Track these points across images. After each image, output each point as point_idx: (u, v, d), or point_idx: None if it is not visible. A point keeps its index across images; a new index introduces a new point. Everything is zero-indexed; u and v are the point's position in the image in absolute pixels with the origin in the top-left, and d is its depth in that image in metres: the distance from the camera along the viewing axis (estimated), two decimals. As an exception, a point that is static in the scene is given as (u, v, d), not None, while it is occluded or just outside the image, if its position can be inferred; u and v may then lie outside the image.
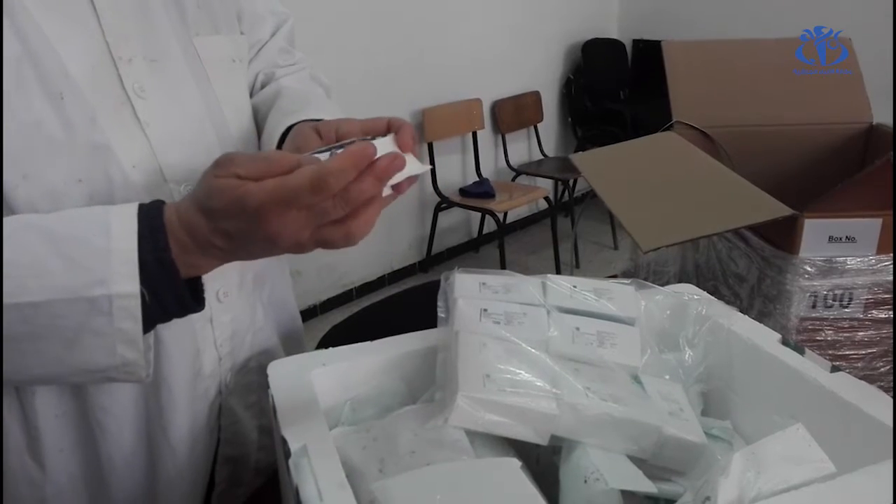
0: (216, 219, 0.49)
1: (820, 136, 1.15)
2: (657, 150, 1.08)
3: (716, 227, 0.87)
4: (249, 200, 0.47)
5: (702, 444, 0.58)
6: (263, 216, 0.47)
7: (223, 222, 0.49)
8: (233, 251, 0.51)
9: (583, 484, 0.53)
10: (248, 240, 0.49)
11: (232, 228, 0.49)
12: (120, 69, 0.59)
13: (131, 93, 0.60)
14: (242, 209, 0.47)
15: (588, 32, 4.01)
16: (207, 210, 0.49)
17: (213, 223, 0.49)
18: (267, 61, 0.80)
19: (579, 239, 3.59)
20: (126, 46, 0.60)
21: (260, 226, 0.48)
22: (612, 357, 0.63)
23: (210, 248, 0.50)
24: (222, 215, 0.49)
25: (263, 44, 0.80)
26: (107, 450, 0.64)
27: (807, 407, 0.60)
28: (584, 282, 0.70)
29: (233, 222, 0.49)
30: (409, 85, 3.18)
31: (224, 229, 0.49)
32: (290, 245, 0.49)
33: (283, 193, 0.46)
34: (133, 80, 0.60)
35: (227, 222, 0.49)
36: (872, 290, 0.90)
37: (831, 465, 0.50)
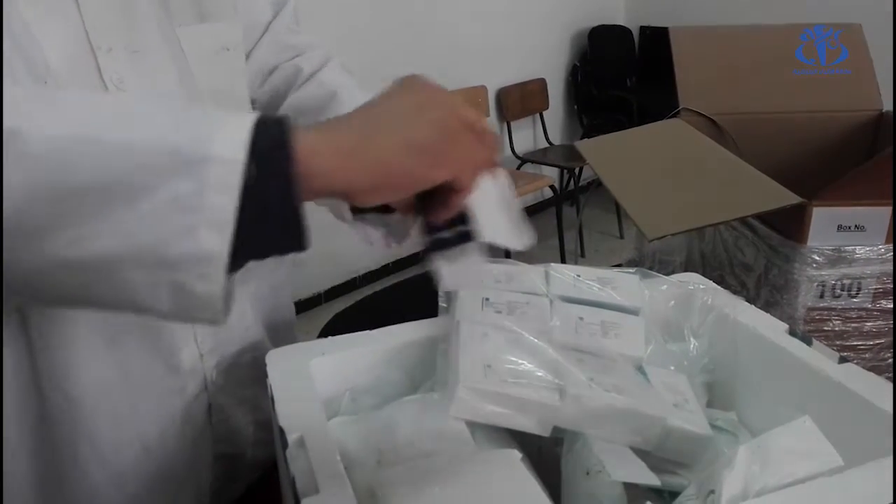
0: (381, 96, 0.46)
1: (829, 123, 1.13)
2: (664, 138, 1.07)
3: (723, 216, 0.86)
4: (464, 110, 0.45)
5: (707, 436, 0.57)
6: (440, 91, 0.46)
7: (381, 97, 0.46)
8: (362, 123, 0.44)
9: (585, 476, 0.53)
10: (386, 98, 0.45)
11: (385, 97, 0.46)
12: (99, 59, 0.57)
13: (110, 84, 0.57)
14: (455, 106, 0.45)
15: (595, 19, 3.97)
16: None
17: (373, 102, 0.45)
18: (278, 45, 0.77)
19: (584, 228, 3.58)
20: (106, 36, 0.58)
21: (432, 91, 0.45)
22: (616, 347, 0.63)
23: (338, 124, 0.44)
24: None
25: (266, 26, 0.77)
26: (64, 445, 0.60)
27: (814, 399, 0.59)
28: (587, 271, 0.69)
29: (393, 91, 0.46)
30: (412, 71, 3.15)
31: (377, 102, 0.45)
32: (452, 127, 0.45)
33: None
34: (112, 71, 0.58)
35: (385, 95, 0.46)
36: (881, 279, 0.89)
37: (839, 459, 0.49)
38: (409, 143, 0.43)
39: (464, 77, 3.34)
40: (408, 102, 0.45)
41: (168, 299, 0.40)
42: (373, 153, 0.42)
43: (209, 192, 0.38)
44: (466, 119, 0.45)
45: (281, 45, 0.77)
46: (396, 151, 0.42)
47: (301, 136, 0.40)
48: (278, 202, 0.39)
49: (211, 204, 0.38)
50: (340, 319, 1.10)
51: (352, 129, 0.43)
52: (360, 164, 0.42)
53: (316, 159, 0.40)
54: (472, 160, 0.46)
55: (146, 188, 0.38)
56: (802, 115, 1.13)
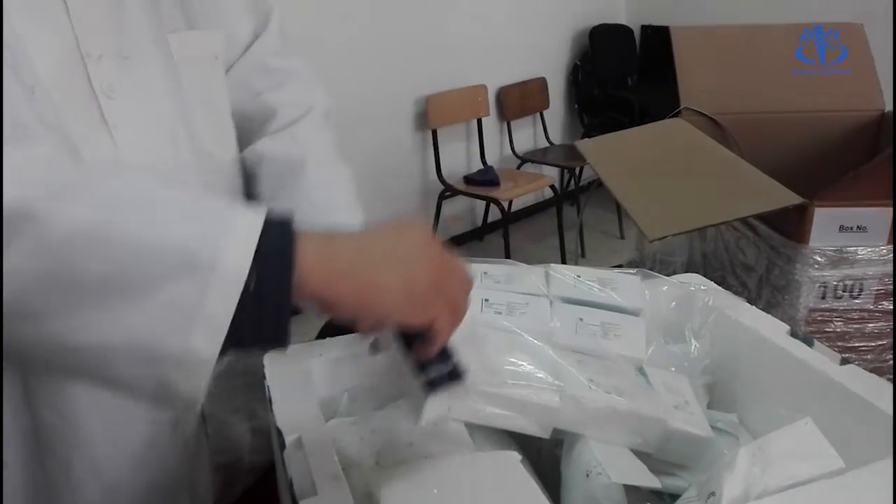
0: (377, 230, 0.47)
1: (831, 123, 1.13)
2: (665, 138, 1.06)
3: (724, 216, 0.86)
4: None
5: (708, 437, 0.57)
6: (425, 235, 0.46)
7: (380, 230, 0.47)
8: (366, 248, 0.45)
9: (585, 478, 0.52)
10: (396, 232, 0.47)
11: (385, 232, 0.47)
12: (88, 67, 0.56)
13: (99, 92, 0.56)
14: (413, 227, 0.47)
15: (596, 18, 3.96)
16: None
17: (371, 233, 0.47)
18: (262, 67, 0.75)
19: (585, 228, 3.57)
20: (96, 42, 0.56)
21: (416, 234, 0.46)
22: (617, 348, 0.62)
23: (338, 244, 0.44)
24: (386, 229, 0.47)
25: (246, 46, 0.74)
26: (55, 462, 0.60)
27: (815, 400, 0.58)
28: (588, 271, 0.69)
29: (392, 228, 0.47)
30: (413, 71, 3.15)
31: (377, 234, 0.47)
32: (430, 262, 0.46)
33: None
34: (102, 79, 0.57)
35: (384, 229, 0.47)
36: (883, 280, 0.88)
37: (840, 461, 0.49)
38: (404, 282, 0.44)
39: (464, 76, 3.33)
40: (407, 244, 0.46)
41: (151, 389, 0.41)
42: (367, 282, 0.43)
43: (209, 298, 0.38)
44: (454, 270, 0.47)
45: (264, 68, 0.75)
46: (389, 287, 0.43)
47: (303, 246, 0.41)
48: (271, 310, 0.41)
49: (209, 310, 0.38)
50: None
51: (352, 253, 0.44)
52: (351, 289, 0.43)
53: (313, 275, 0.41)
54: (454, 311, 0.47)
55: (150, 287, 0.38)
56: (804, 115, 1.13)
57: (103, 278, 0.38)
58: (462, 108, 3.36)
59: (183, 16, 0.65)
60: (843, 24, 1.16)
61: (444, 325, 0.46)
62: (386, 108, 3.10)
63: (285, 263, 0.40)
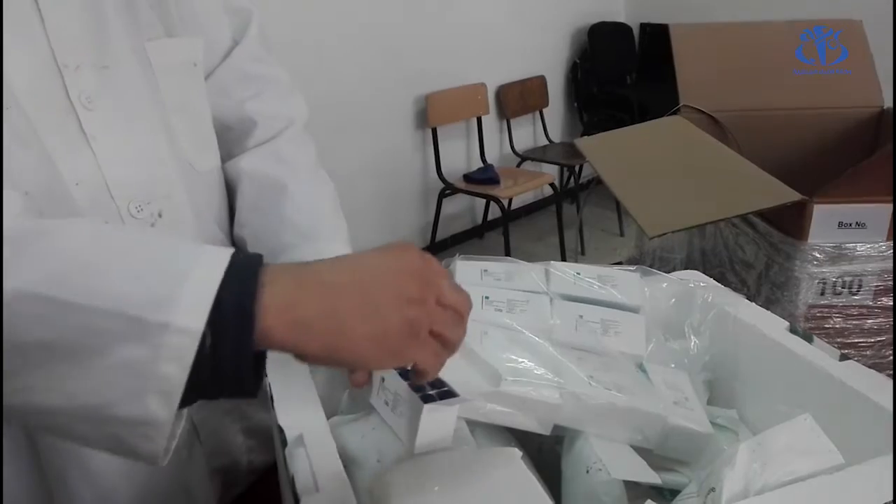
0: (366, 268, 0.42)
1: (830, 120, 1.13)
2: (664, 135, 1.06)
3: (723, 213, 0.86)
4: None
5: (707, 434, 0.57)
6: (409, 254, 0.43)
7: (354, 259, 0.43)
8: (336, 295, 0.40)
9: (585, 474, 0.53)
10: (372, 274, 0.42)
11: (362, 260, 0.43)
12: (66, 78, 0.54)
13: (77, 104, 0.55)
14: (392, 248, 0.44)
15: (595, 16, 3.96)
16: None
17: (361, 272, 0.42)
18: (241, 73, 0.73)
19: (585, 225, 3.58)
20: (73, 53, 0.55)
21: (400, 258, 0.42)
22: (617, 345, 0.62)
23: (306, 291, 0.40)
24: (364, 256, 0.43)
25: (227, 52, 0.73)
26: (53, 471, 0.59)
27: (815, 396, 0.58)
28: (587, 268, 0.69)
29: (368, 256, 0.43)
30: (413, 70, 3.15)
31: (355, 269, 0.42)
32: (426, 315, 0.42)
33: None
34: (79, 90, 0.55)
35: (367, 260, 0.43)
36: (882, 276, 0.88)
37: (839, 456, 0.49)
38: (375, 332, 0.41)
39: (464, 74, 3.33)
40: (386, 284, 0.42)
41: (110, 447, 0.39)
42: (334, 336, 0.40)
43: (162, 361, 0.36)
44: (442, 303, 0.43)
45: (243, 74, 0.74)
46: (359, 339, 0.41)
47: (266, 297, 0.38)
48: (230, 366, 0.38)
49: (162, 373, 0.36)
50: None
51: (320, 302, 0.40)
52: (319, 343, 0.40)
53: (276, 329, 0.39)
54: (441, 349, 0.44)
55: (99, 351, 0.36)
56: (803, 111, 1.13)
57: (49, 343, 0.36)
58: (462, 107, 3.36)
59: (161, 23, 0.64)
60: (842, 22, 1.16)
61: (429, 364, 0.44)
62: (386, 107, 3.10)
63: (245, 320, 0.38)
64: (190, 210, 0.64)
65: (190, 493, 0.69)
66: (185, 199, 0.64)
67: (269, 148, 0.74)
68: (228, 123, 0.73)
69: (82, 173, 0.56)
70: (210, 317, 0.36)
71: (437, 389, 0.51)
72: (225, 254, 0.39)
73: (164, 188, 0.62)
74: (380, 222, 3.21)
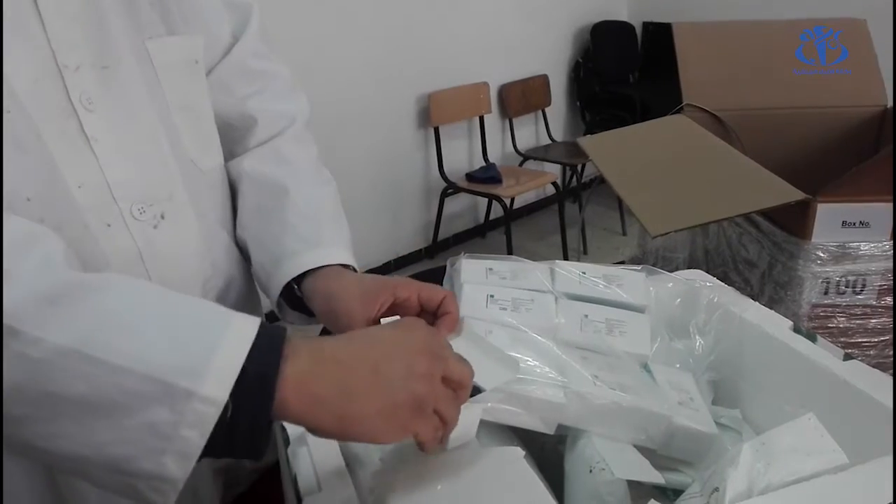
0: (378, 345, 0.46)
1: (833, 119, 1.13)
2: (667, 134, 1.06)
3: (726, 212, 0.86)
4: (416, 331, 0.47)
5: (712, 434, 0.57)
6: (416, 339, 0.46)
7: (367, 336, 0.48)
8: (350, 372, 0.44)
9: (588, 474, 0.53)
10: (383, 351, 0.45)
11: (375, 336, 0.47)
12: (66, 79, 0.54)
13: (78, 105, 0.55)
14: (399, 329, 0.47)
15: (597, 14, 3.96)
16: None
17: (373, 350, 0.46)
18: (242, 70, 0.72)
19: (587, 225, 3.57)
20: (73, 53, 0.54)
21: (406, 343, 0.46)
22: (621, 345, 0.62)
23: (328, 360, 0.44)
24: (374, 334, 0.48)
25: (227, 48, 0.72)
26: None
27: (819, 396, 0.58)
28: (593, 268, 0.69)
29: (381, 332, 0.48)
30: (415, 68, 3.15)
31: (367, 347, 0.46)
32: (433, 392, 0.45)
33: None
34: (80, 92, 0.55)
35: (379, 338, 0.47)
36: (886, 276, 0.88)
37: (843, 456, 0.49)
38: (383, 410, 0.43)
39: (466, 73, 3.33)
40: (396, 362, 0.45)
41: (123, 493, 0.41)
42: (345, 413, 0.43)
43: (184, 426, 0.39)
44: (451, 377, 0.46)
45: (245, 70, 0.73)
46: (368, 416, 0.43)
47: (286, 372, 0.41)
48: (246, 433, 0.41)
49: (183, 436, 0.39)
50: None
51: (334, 380, 0.43)
52: (330, 419, 0.43)
53: (291, 403, 0.41)
54: (439, 424, 0.46)
55: (128, 410, 0.38)
56: (806, 111, 1.13)
57: (82, 397, 0.38)
58: (464, 106, 3.36)
59: (162, 21, 0.63)
60: (844, 21, 1.16)
61: (430, 438, 0.46)
62: (388, 106, 3.10)
63: (265, 393, 0.40)
64: (192, 211, 0.64)
65: (197, 493, 0.69)
66: (188, 200, 0.64)
67: (271, 147, 0.73)
68: (230, 120, 0.73)
69: (84, 176, 0.55)
70: (233, 388, 0.39)
71: None
72: (252, 326, 0.41)
73: (167, 189, 0.62)
74: (382, 221, 3.21)
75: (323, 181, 0.75)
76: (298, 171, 0.72)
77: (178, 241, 0.63)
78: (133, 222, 0.59)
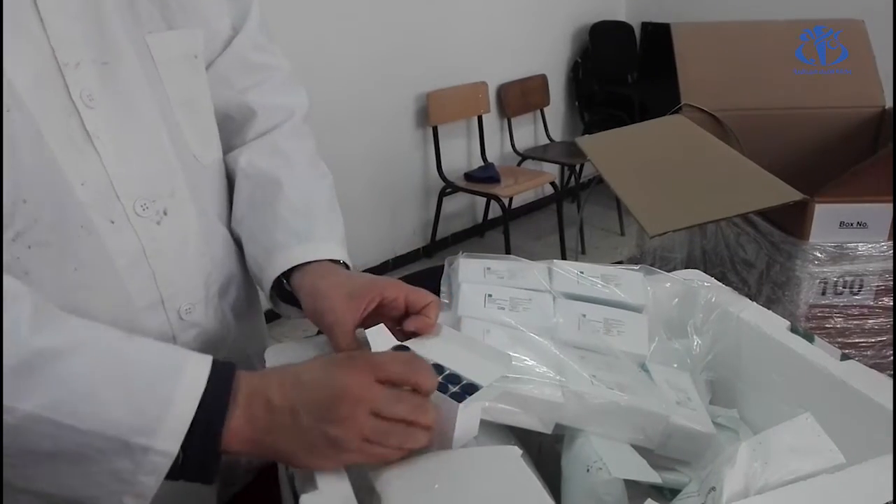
0: (301, 389, 0.49)
1: (831, 119, 1.13)
2: (665, 134, 1.06)
3: (724, 212, 0.86)
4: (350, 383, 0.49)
5: (710, 434, 0.57)
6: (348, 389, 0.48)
7: (299, 380, 0.50)
8: (273, 418, 0.49)
9: (585, 473, 0.53)
10: (315, 415, 0.48)
11: (306, 378, 0.50)
12: (66, 76, 0.54)
13: (79, 102, 0.55)
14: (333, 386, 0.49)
15: (596, 15, 3.96)
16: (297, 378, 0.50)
17: (296, 394, 0.49)
18: (243, 63, 0.72)
19: (585, 225, 3.57)
20: (73, 50, 0.54)
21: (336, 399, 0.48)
22: (619, 345, 0.62)
23: (260, 405, 0.49)
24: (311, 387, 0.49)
25: (227, 41, 0.71)
26: None
27: (816, 396, 0.58)
28: (591, 268, 0.69)
29: (312, 374, 0.50)
30: (413, 68, 3.15)
31: (294, 383, 0.50)
32: (353, 432, 0.48)
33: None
34: (81, 88, 0.55)
35: (307, 373, 0.50)
36: (883, 276, 0.88)
37: (840, 456, 0.49)
38: (304, 449, 0.49)
39: (464, 73, 3.33)
40: (315, 406, 0.48)
41: None
42: (275, 449, 0.50)
43: (141, 473, 0.46)
44: (382, 412, 0.48)
45: (245, 63, 0.72)
46: (293, 453, 0.49)
47: (228, 420, 0.48)
48: (194, 471, 0.48)
49: (140, 481, 0.47)
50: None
51: (262, 424, 0.49)
52: (268, 452, 0.50)
53: (233, 447, 0.49)
54: (379, 455, 0.49)
55: (93, 461, 0.46)
56: (805, 111, 1.13)
57: (54, 453, 0.45)
58: (463, 105, 3.36)
59: (161, 15, 0.63)
60: (843, 22, 1.16)
61: (374, 461, 0.49)
62: (387, 105, 3.09)
63: (212, 440, 0.48)
64: (194, 207, 0.64)
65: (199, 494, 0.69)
66: (189, 196, 0.64)
67: (268, 141, 0.73)
68: (229, 113, 0.73)
69: (87, 173, 0.55)
70: (184, 439, 0.47)
71: (458, 385, 0.52)
72: (202, 375, 0.48)
73: (169, 185, 0.62)
74: (380, 220, 3.21)
75: (318, 175, 0.74)
76: (294, 165, 0.72)
77: (181, 237, 0.63)
78: (136, 219, 0.59)
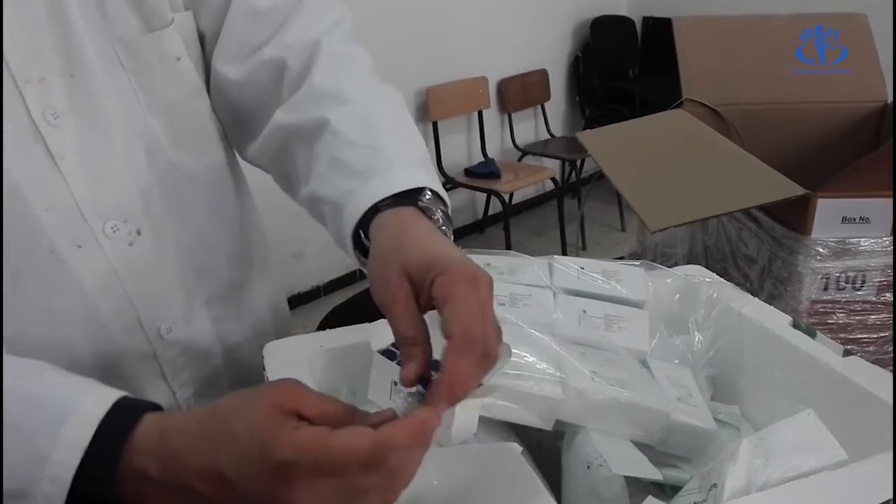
0: (218, 454, 0.38)
1: (833, 114, 1.12)
2: (667, 129, 1.06)
3: (726, 207, 0.85)
4: (280, 450, 0.37)
5: (711, 430, 0.57)
6: (286, 476, 0.37)
7: (226, 464, 0.38)
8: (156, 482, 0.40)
9: (586, 470, 0.52)
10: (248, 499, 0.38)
11: (232, 475, 0.37)
12: (25, 96, 0.51)
13: (41, 122, 0.51)
14: (263, 455, 0.37)
15: (597, 9, 3.95)
16: (214, 438, 0.39)
17: (211, 460, 0.38)
18: (251, 15, 0.63)
19: (586, 220, 3.57)
20: (35, 65, 0.51)
21: (276, 486, 0.37)
22: (620, 341, 0.62)
23: (185, 492, 0.39)
24: (230, 452, 0.38)
25: (225, 6, 0.62)
26: None
27: (818, 392, 0.58)
28: (592, 263, 0.69)
29: (240, 467, 0.38)
30: (413, 62, 3.14)
31: (219, 475, 0.38)
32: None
33: (324, 458, 0.37)
34: (44, 107, 0.52)
35: (232, 466, 0.38)
36: (886, 272, 0.88)
37: (842, 452, 0.49)
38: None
39: (465, 68, 3.32)
40: (191, 465, 0.39)
41: None
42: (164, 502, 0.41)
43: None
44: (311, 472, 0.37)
45: (253, 13, 0.63)
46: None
47: (122, 469, 0.39)
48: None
49: None
50: (339, 312, 1.10)
51: (157, 474, 0.40)
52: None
53: (125, 493, 0.40)
54: None
55: None
56: (807, 105, 1.12)
57: None
58: (463, 101, 3.35)
59: (135, 18, 0.57)
60: (845, 18, 1.15)
61: None
62: (386, 100, 3.09)
63: (104, 487, 0.40)
64: (172, 222, 0.61)
65: None
66: (167, 210, 0.61)
67: (303, 90, 0.62)
68: (260, 81, 0.64)
69: (51, 197, 0.53)
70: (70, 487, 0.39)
71: None
72: (86, 435, 0.39)
73: (142, 203, 0.59)
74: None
75: (374, 95, 0.64)
76: (340, 94, 0.61)
77: (157, 254, 0.60)
78: (106, 241, 0.56)
